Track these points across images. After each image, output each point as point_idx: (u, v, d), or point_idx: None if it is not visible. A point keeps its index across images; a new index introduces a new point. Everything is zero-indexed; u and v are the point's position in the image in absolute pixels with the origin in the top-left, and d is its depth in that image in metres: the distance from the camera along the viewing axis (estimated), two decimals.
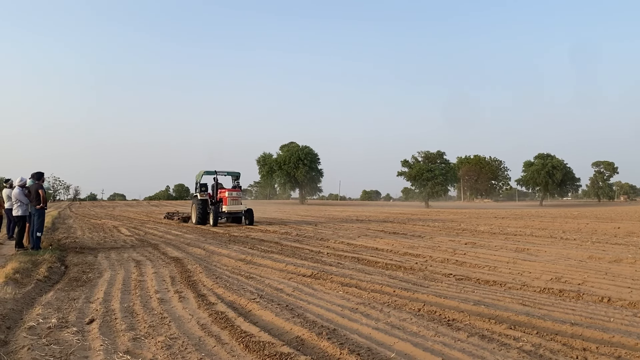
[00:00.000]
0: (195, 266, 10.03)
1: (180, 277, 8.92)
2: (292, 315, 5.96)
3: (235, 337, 5.11)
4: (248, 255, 11.46)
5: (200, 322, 5.84)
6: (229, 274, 9.14)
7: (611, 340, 4.82)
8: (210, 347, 4.93)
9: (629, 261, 9.88)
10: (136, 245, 14.71)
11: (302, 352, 4.61)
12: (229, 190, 23.11)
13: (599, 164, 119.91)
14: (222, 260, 11.09)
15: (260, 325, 5.61)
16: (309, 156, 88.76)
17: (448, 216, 33.05)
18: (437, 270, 9.30)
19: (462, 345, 4.75)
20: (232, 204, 22.68)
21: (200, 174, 24.13)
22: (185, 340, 5.12)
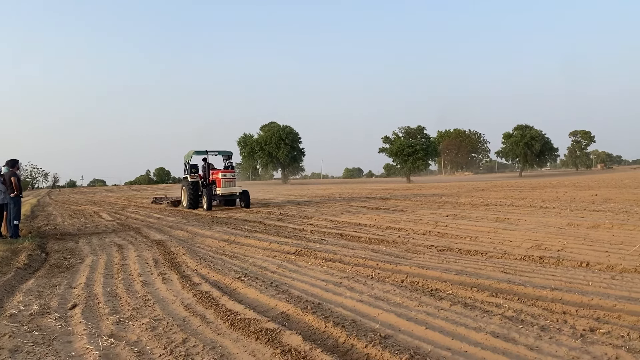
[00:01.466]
0: (178, 248, 9.98)
1: (163, 259, 8.87)
2: (277, 291, 5.97)
3: (220, 316, 5.11)
4: (232, 236, 11.44)
5: (185, 302, 5.83)
6: (213, 254, 9.12)
7: (590, 303, 4.92)
8: (195, 326, 4.92)
9: (606, 226, 10.07)
10: (118, 229, 14.57)
11: (287, 327, 4.63)
12: (222, 171, 21.30)
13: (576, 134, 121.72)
14: (205, 241, 11.05)
15: (245, 303, 5.62)
16: (290, 136, 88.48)
17: (429, 190, 33.33)
18: (419, 243, 9.38)
19: (445, 314, 4.82)
20: (227, 185, 21.05)
21: (189, 154, 22.45)
22: (170, 321, 5.11)
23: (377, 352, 3.89)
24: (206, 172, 21.91)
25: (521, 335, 4.11)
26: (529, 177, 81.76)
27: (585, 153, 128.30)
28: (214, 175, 21.69)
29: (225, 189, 20.86)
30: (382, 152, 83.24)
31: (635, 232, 9.26)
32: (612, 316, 4.47)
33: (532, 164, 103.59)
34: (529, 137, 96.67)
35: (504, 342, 3.97)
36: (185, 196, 22.24)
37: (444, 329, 4.37)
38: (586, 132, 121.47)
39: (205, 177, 21.91)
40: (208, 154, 21.95)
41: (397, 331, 4.43)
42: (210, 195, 20.64)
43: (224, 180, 20.97)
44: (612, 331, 4.08)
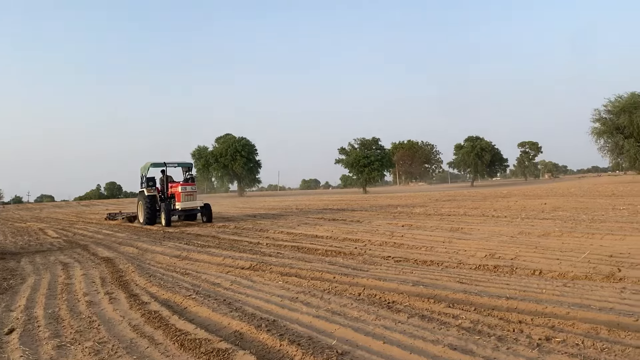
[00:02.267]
0: (127, 265, 9.58)
1: (111, 277, 8.48)
2: (230, 309, 5.76)
3: (170, 336, 4.87)
4: (184, 251, 11.09)
5: (132, 323, 5.54)
6: (164, 272, 8.79)
7: (544, 311, 4.95)
8: (143, 348, 4.67)
9: (556, 234, 10.31)
10: (64, 247, 13.93)
11: (240, 346, 4.44)
12: (182, 184, 19.92)
13: (525, 145, 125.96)
14: (156, 257, 10.67)
15: (197, 322, 5.38)
16: (246, 147, 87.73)
17: (385, 200, 33.58)
18: (376, 254, 9.33)
19: (402, 327, 4.74)
20: (187, 199, 19.76)
21: (145, 166, 20.95)
22: (116, 344, 4.83)
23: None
24: (164, 185, 20.62)
25: (479, 346, 4.07)
26: (480, 187, 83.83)
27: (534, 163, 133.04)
28: (172, 189, 20.38)
29: (185, 203, 19.65)
30: (338, 163, 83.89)
31: (583, 239, 9.51)
32: (566, 324, 4.49)
33: (483, 174, 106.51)
34: (479, 148, 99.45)
35: (461, 354, 3.92)
36: (142, 211, 20.90)
37: (401, 343, 4.29)
38: (534, 143, 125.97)
39: (164, 190, 20.61)
40: (166, 165, 20.63)
41: (354, 347, 4.32)
42: (169, 210, 19.40)
43: (184, 194, 19.72)
44: (567, 339, 4.09)
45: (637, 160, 50.83)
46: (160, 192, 20.75)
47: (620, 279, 6.20)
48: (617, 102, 52.20)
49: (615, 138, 51.90)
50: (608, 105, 53.19)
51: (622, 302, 5.17)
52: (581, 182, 72.34)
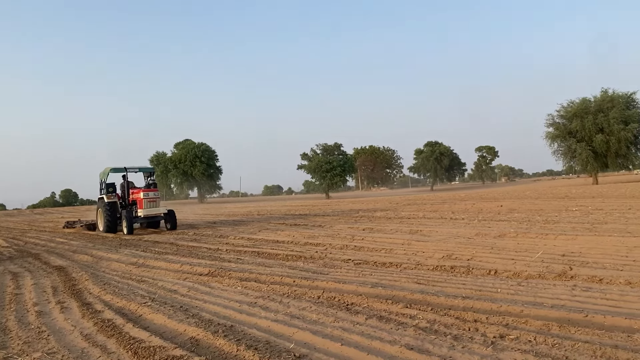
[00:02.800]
0: (80, 274, 9.28)
1: (63, 286, 8.20)
2: (187, 316, 5.64)
3: (123, 345, 4.72)
4: (140, 259, 10.82)
5: (84, 332, 5.36)
6: (119, 279, 8.55)
7: (499, 310, 5.04)
8: (95, 358, 4.52)
9: (511, 235, 10.56)
10: (14, 256, 13.40)
11: (196, 353, 4.34)
12: (144, 190, 18.94)
13: (482, 149, 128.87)
14: (111, 265, 10.37)
15: (152, 329, 5.25)
16: (206, 153, 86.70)
17: (347, 205, 33.74)
18: (336, 257, 9.34)
19: (360, 328, 4.74)
20: (150, 206, 18.78)
21: (105, 171, 20.00)
22: (66, 354, 4.66)
23: None
24: (125, 191, 19.71)
25: (435, 345, 4.10)
26: (439, 190, 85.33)
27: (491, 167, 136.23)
28: (134, 195, 19.44)
29: (148, 209, 18.70)
30: (301, 168, 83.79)
31: (537, 239, 9.77)
32: (520, 322, 4.58)
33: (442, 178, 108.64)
34: (438, 152, 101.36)
35: (418, 354, 3.94)
36: (102, 219, 19.88)
37: (359, 344, 4.28)
38: (490, 148, 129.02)
39: (125, 197, 19.72)
40: (127, 171, 19.74)
41: (312, 350, 4.29)
42: (130, 218, 18.43)
43: (146, 200, 18.72)
44: (520, 336, 4.17)
45: (588, 163, 52.75)
46: (121, 199, 19.86)
47: (572, 277, 6.38)
48: (570, 108, 54.15)
49: (568, 142, 53.73)
50: (561, 110, 55.13)
51: (573, 299, 5.32)
52: (536, 185, 74.55)
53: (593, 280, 6.12)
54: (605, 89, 53.24)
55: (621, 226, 10.82)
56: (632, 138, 50.38)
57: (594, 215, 13.72)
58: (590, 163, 52.54)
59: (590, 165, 52.99)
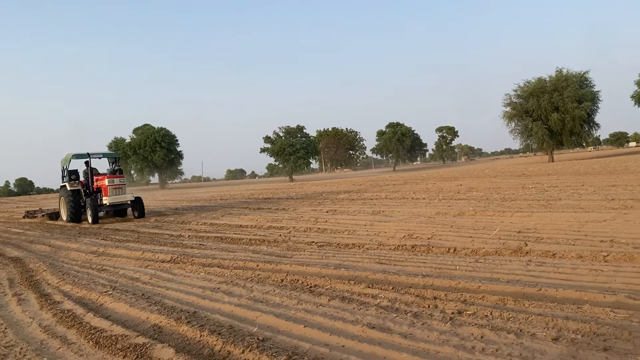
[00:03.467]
0: (38, 264, 9.04)
1: (20, 278, 7.98)
2: (149, 303, 5.58)
3: (84, 335, 4.65)
4: (100, 247, 10.60)
5: (43, 324, 5.25)
6: (79, 269, 8.37)
7: (457, 287, 5.19)
8: (55, 349, 4.44)
9: (470, 214, 10.82)
10: None
11: (159, 340, 4.32)
12: (109, 177, 17.92)
13: (442, 129, 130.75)
14: (70, 255, 10.14)
15: (113, 318, 5.18)
16: (166, 138, 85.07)
17: (311, 188, 33.84)
18: (300, 240, 9.38)
19: (323, 309, 4.80)
20: (115, 193, 17.80)
21: (67, 158, 18.87)
22: (24, 347, 4.57)
23: (254, 357, 3.74)
24: (89, 178, 18.66)
25: (396, 324, 4.20)
26: (402, 171, 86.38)
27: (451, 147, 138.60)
28: (98, 182, 18.39)
29: (113, 197, 17.75)
30: (263, 152, 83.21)
31: (495, 217, 10.05)
32: (477, 297, 4.73)
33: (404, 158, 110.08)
34: (400, 133, 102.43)
35: (379, 332, 4.02)
36: (65, 208, 18.86)
37: (322, 325, 4.34)
38: (450, 128, 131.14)
39: (88, 184, 18.69)
40: (90, 157, 18.68)
41: (275, 332, 4.33)
42: (95, 206, 17.50)
43: (111, 187, 17.75)
44: (478, 312, 4.31)
45: (544, 141, 54.36)
46: (84, 187, 18.87)
47: (527, 253, 6.61)
48: (526, 87, 55.55)
49: (524, 121, 55.20)
50: (518, 90, 56.49)
51: (527, 274, 5.52)
52: (495, 163, 76.38)
53: (547, 255, 6.35)
54: (560, 68, 54.80)
55: (574, 202, 11.23)
56: (586, 116, 52.17)
57: (549, 193, 14.18)
58: (546, 141, 54.18)
59: (546, 143, 54.63)
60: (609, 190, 13.25)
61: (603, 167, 27.30)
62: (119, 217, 19.45)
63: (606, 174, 21.37)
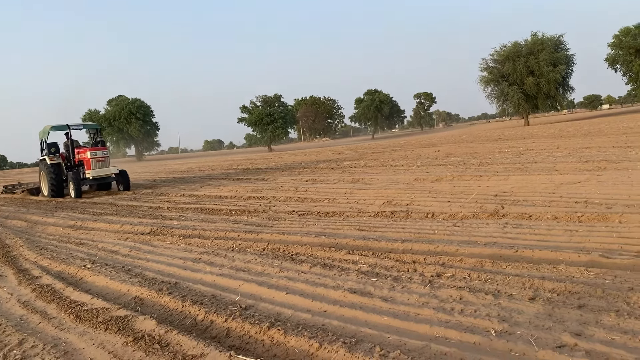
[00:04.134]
0: (15, 240, 8.90)
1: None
2: (129, 276, 5.56)
3: (64, 309, 4.63)
4: (78, 221, 10.47)
5: (22, 299, 5.20)
6: (57, 243, 8.27)
7: (436, 250, 5.27)
8: (35, 324, 4.41)
9: (448, 179, 10.93)
10: None
11: (140, 312, 4.32)
12: (91, 149, 17.22)
13: (420, 96, 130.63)
14: (47, 229, 10.00)
15: (93, 292, 5.16)
16: (142, 109, 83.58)
17: (290, 157, 33.75)
18: (280, 209, 9.39)
19: (305, 276, 4.84)
20: (99, 166, 17.05)
21: (45, 130, 18.06)
22: (4, 323, 4.54)
23: (237, 325, 3.77)
24: (70, 151, 17.81)
25: (376, 288, 4.25)
26: (380, 138, 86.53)
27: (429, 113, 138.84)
28: (80, 155, 17.57)
29: (97, 170, 16.98)
30: (241, 122, 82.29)
31: (472, 181, 10.17)
32: (455, 260, 4.82)
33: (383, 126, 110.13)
34: (378, 101, 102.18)
35: (360, 297, 4.08)
36: (46, 182, 17.91)
37: (304, 292, 4.39)
38: (428, 94, 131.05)
39: (70, 157, 17.86)
40: (70, 128, 17.89)
41: (258, 300, 4.36)
42: (78, 180, 16.73)
43: (94, 160, 16.96)
44: (456, 274, 4.39)
45: (520, 106, 54.92)
46: (65, 160, 18.04)
47: (504, 215, 6.72)
48: (502, 51, 55.70)
49: (500, 85, 55.56)
50: (494, 54, 56.63)
51: (504, 236, 5.63)
52: (472, 129, 76.98)
53: (523, 218, 6.46)
54: (535, 32, 54.96)
55: (549, 165, 11.42)
56: (560, 79, 52.71)
57: (525, 156, 14.39)
58: (522, 105, 54.75)
59: (521, 107, 55.22)
60: (583, 153, 13.48)
61: (577, 130, 27.72)
62: (103, 190, 18.69)
63: (580, 136, 21.72)
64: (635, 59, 52.38)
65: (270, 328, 3.59)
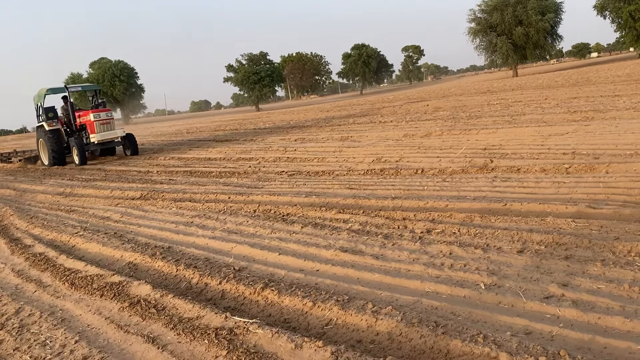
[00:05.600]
0: (4, 209, 8.83)
1: None
2: (122, 242, 5.57)
3: (59, 277, 4.65)
4: (67, 188, 10.40)
5: (16, 269, 5.21)
6: (47, 211, 8.24)
7: (426, 207, 5.31)
8: (30, 293, 4.44)
9: (437, 134, 10.93)
10: None
11: (135, 277, 4.36)
12: (94, 111, 15.67)
13: (408, 49, 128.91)
14: (37, 197, 9.95)
15: (87, 259, 5.18)
16: (125, 71, 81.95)
17: (278, 116, 33.51)
18: (270, 170, 9.39)
19: (297, 237, 4.88)
20: (104, 129, 15.59)
21: (40, 94, 16.53)
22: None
23: (231, 287, 3.83)
24: (70, 114, 16.38)
25: (367, 246, 4.31)
26: (369, 94, 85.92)
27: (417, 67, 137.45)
28: (82, 118, 16.11)
29: (102, 134, 15.51)
30: (227, 81, 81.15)
31: (461, 136, 10.19)
32: (444, 216, 4.87)
33: (371, 81, 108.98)
34: (365, 55, 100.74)
35: (352, 255, 4.14)
36: (46, 150, 16.51)
37: (296, 252, 4.44)
38: (416, 47, 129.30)
39: (70, 122, 16.45)
40: (68, 90, 16.36)
41: (251, 262, 4.41)
42: (82, 145, 15.43)
43: (98, 123, 15.45)
44: (446, 229, 4.45)
45: (509, 56, 54.53)
46: (64, 125, 16.61)
47: (492, 169, 6.77)
48: (490, 2, 54.81)
49: (489, 37, 55.00)
50: (482, 4, 55.73)
51: (493, 189, 5.68)
52: (460, 81, 76.61)
53: (512, 171, 6.52)
54: None
55: (538, 116, 11.44)
56: (549, 28, 52.18)
57: (514, 108, 14.39)
58: (511, 56, 54.34)
59: (510, 58, 54.81)
60: (571, 103, 13.50)
61: (566, 80, 27.66)
62: (108, 155, 17.51)
63: (568, 86, 21.70)
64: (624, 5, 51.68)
65: (264, 289, 3.64)
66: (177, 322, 3.33)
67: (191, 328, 3.20)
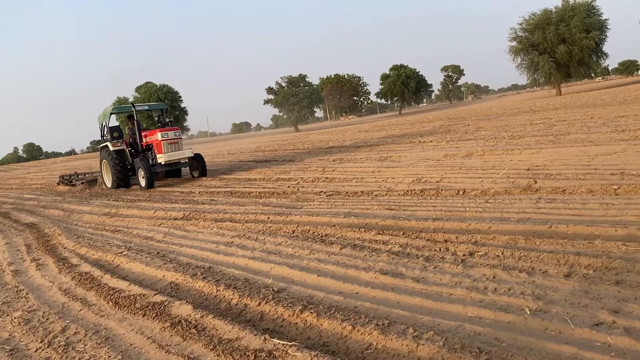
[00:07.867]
0: (53, 229, 9.17)
1: (37, 243, 8.11)
2: (164, 261, 5.67)
3: (103, 296, 4.76)
4: (112, 208, 10.71)
5: (63, 287, 5.37)
6: (92, 231, 8.49)
7: (468, 228, 5.21)
8: (76, 311, 4.55)
9: (478, 154, 10.75)
10: None
11: (176, 297, 4.41)
12: (162, 130, 14.81)
13: (447, 69, 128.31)
14: (83, 217, 10.28)
15: (130, 278, 5.29)
16: (170, 95, 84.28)
17: (317, 137, 33.71)
18: (308, 190, 9.42)
19: (335, 258, 4.85)
20: (172, 149, 14.62)
21: (105, 113, 15.83)
22: (47, 310, 4.68)
23: (270, 308, 3.82)
24: (136, 134, 15.48)
25: (408, 268, 4.24)
26: (408, 114, 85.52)
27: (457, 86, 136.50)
28: (148, 138, 15.20)
29: (170, 154, 14.54)
30: (267, 103, 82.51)
31: (503, 156, 9.98)
32: (487, 238, 4.75)
33: (410, 101, 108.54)
34: (404, 75, 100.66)
35: (392, 278, 4.08)
36: (109, 171, 15.72)
37: (335, 274, 4.41)
38: (456, 66, 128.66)
39: (135, 142, 15.58)
40: (135, 109, 15.67)
41: (290, 283, 4.40)
42: (149, 166, 14.24)
43: (166, 143, 14.50)
44: (489, 252, 4.34)
45: (551, 75, 53.35)
46: (129, 145, 15.77)
47: (536, 190, 6.59)
48: (531, 20, 54.00)
49: (530, 55, 54.00)
50: (523, 23, 54.95)
51: (537, 211, 5.52)
52: (502, 100, 75.38)
53: (557, 192, 6.32)
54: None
55: (583, 136, 11.10)
56: (594, 46, 50.88)
57: (558, 127, 14.02)
58: (553, 74, 53.13)
59: (553, 76, 53.60)
60: (619, 122, 13.06)
61: (612, 98, 26.84)
62: (173, 177, 16.72)
63: (615, 104, 21.02)
64: None
65: (303, 311, 3.62)
66: (217, 343, 3.34)
67: (231, 349, 3.20)
